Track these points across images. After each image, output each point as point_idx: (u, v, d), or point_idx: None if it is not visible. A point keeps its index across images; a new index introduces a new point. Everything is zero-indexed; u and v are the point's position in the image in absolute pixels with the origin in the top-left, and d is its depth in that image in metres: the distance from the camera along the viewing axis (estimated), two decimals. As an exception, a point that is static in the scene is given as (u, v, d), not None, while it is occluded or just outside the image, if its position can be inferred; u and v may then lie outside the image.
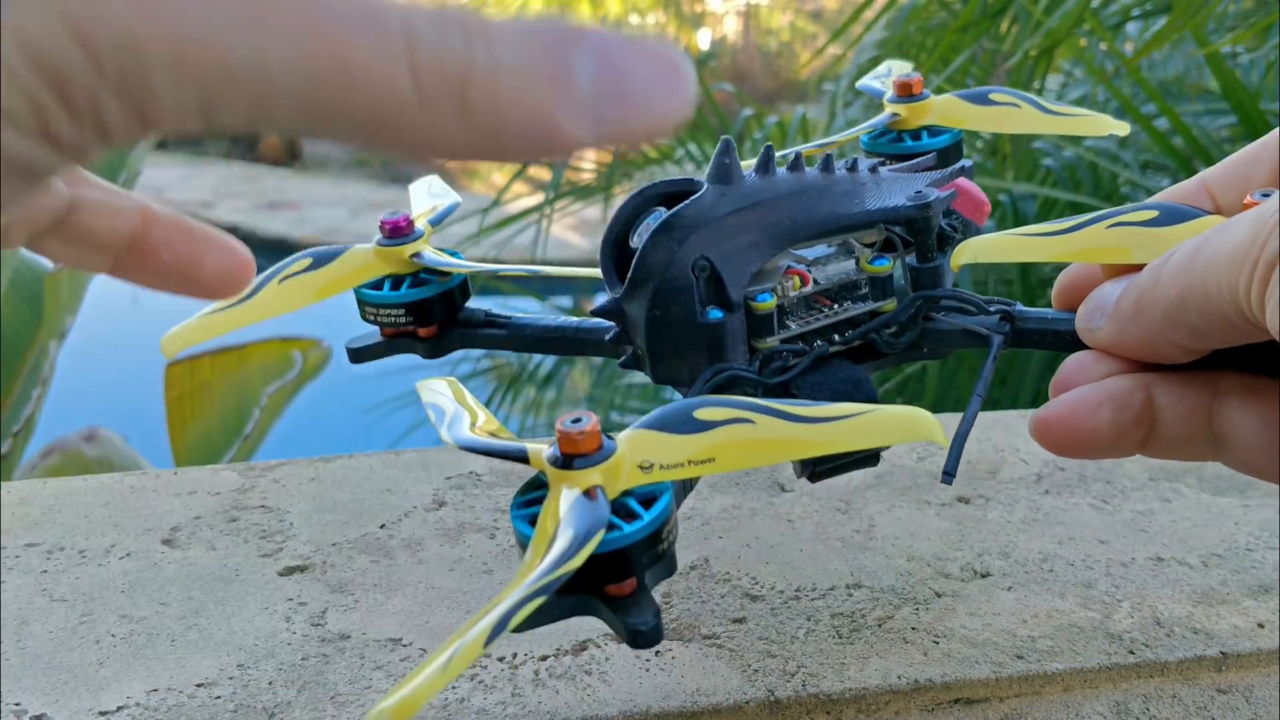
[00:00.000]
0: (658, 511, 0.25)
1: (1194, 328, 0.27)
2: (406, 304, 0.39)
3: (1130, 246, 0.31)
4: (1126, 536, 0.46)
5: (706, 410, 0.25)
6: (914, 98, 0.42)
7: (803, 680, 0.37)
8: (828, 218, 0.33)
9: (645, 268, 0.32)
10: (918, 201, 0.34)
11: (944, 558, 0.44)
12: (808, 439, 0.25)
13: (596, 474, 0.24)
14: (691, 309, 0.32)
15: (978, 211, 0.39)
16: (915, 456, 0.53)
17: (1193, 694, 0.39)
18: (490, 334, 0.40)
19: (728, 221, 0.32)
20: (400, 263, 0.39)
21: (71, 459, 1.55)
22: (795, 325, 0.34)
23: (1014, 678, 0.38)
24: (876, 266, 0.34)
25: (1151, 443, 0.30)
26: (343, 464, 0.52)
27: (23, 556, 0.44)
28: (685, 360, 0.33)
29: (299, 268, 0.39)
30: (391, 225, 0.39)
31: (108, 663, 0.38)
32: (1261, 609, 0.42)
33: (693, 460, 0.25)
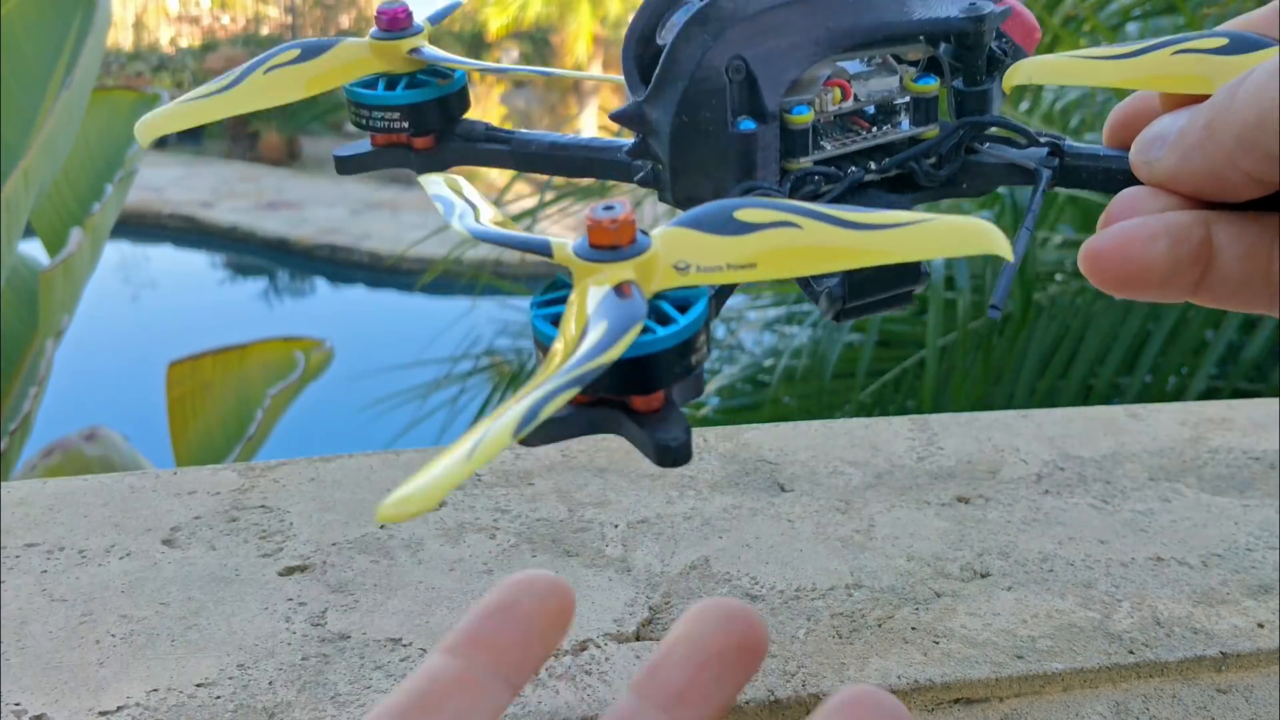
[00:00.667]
0: (693, 317, 0.23)
1: (1270, 152, 0.25)
2: (402, 106, 0.36)
3: (1198, 74, 0.28)
4: (1126, 536, 0.46)
5: (748, 211, 0.23)
6: None
7: (803, 680, 0.37)
8: (876, 23, 0.30)
9: (674, 65, 0.29)
10: (972, 13, 0.31)
11: (944, 558, 0.44)
12: (859, 247, 0.22)
13: (629, 269, 0.22)
14: (723, 116, 0.29)
15: (1028, 37, 0.36)
16: (915, 456, 0.53)
17: (1192, 694, 0.39)
18: (491, 149, 0.37)
19: (768, 18, 0.29)
20: (397, 59, 0.36)
21: (72, 458, 1.55)
22: (830, 147, 0.31)
23: (1014, 678, 0.38)
24: (922, 86, 0.31)
25: (1206, 285, 0.28)
26: (343, 464, 0.52)
27: (23, 556, 0.44)
28: (710, 176, 0.30)
29: (286, 58, 0.36)
30: (389, 16, 0.36)
31: (108, 663, 0.38)
32: (1261, 609, 0.42)
33: (732, 264, 0.22)
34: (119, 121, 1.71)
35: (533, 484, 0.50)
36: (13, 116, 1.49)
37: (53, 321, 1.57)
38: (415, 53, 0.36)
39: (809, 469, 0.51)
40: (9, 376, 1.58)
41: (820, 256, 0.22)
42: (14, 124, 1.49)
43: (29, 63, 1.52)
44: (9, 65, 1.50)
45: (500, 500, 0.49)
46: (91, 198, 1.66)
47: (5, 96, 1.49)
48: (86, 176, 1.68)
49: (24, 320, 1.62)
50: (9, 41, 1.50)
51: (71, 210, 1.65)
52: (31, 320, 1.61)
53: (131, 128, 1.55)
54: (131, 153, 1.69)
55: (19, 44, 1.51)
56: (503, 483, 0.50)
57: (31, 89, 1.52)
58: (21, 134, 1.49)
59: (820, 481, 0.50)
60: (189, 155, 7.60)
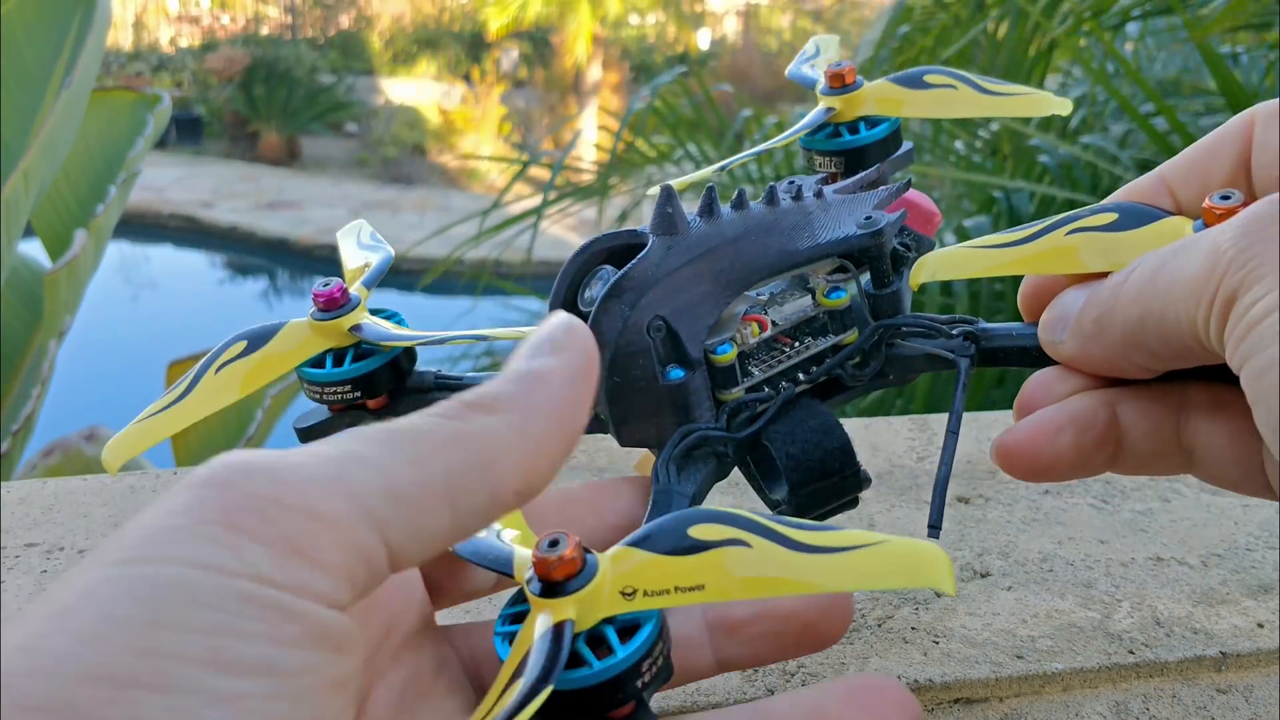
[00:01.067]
0: (633, 648, 0.23)
1: (1153, 351, 0.26)
2: (352, 379, 0.37)
3: (1091, 253, 0.30)
4: (1126, 536, 0.46)
5: (702, 528, 0.24)
6: (848, 88, 0.41)
7: (802, 680, 0.37)
8: (780, 257, 0.32)
9: (599, 335, 0.30)
10: (869, 229, 0.32)
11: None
12: (807, 574, 0.23)
13: (571, 605, 0.23)
14: (651, 371, 0.31)
15: (928, 224, 0.38)
16: (915, 456, 0.53)
17: (1192, 694, 0.39)
18: (442, 398, 0.39)
19: (678, 276, 0.31)
20: (340, 336, 0.38)
21: (72, 458, 1.55)
22: (758, 371, 0.32)
23: (1014, 678, 0.38)
24: (833, 300, 0.33)
25: (1120, 461, 0.29)
26: (343, 464, 0.52)
27: (23, 556, 0.44)
28: (650, 422, 0.32)
29: (234, 353, 0.38)
30: (325, 298, 0.38)
31: (108, 663, 0.38)
32: (1261, 609, 0.42)
33: (680, 587, 0.23)
34: (119, 122, 1.71)
35: (533, 484, 0.50)
36: (12, 117, 1.49)
37: (56, 322, 1.57)
38: (355, 330, 0.37)
39: (809, 469, 0.51)
40: (10, 377, 1.58)
41: (768, 583, 0.23)
42: (13, 124, 1.49)
43: (28, 63, 1.52)
44: (8, 65, 1.50)
45: (500, 500, 0.49)
46: (92, 198, 1.66)
47: (5, 96, 1.49)
48: (87, 177, 1.68)
49: (24, 321, 1.62)
50: (8, 41, 1.50)
51: (72, 211, 1.65)
52: (32, 321, 1.61)
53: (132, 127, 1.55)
54: (133, 154, 1.69)
55: (18, 44, 1.51)
56: (503, 483, 0.50)
57: (31, 89, 1.52)
58: (21, 134, 1.49)
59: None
60: (189, 155, 7.61)
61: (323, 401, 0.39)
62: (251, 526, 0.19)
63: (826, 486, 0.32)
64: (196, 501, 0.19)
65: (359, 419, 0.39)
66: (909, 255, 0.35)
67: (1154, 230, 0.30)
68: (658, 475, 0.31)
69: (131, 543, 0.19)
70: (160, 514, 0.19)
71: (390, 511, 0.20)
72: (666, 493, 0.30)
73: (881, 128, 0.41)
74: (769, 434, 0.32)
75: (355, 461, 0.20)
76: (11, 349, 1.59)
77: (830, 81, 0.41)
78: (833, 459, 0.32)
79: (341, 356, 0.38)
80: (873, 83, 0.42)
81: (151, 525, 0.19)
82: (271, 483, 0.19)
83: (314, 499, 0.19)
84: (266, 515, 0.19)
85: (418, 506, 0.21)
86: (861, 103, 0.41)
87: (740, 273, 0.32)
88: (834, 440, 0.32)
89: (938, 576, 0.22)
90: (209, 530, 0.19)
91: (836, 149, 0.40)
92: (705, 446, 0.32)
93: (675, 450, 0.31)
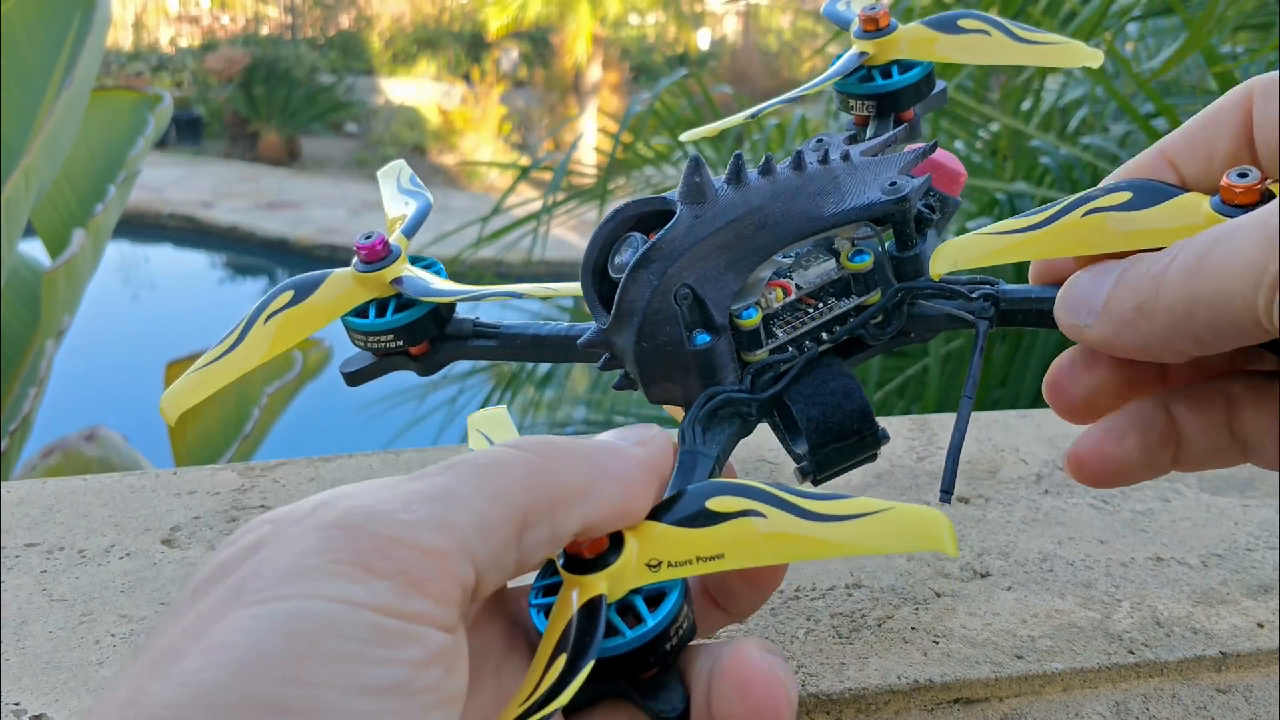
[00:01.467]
0: (662, 615, 0.25)
1: (1198, 337, 0.27)
2: (395, 329, 0.39)
3: (1110, 233, 0.30)
4: (1126, 536, 0.46)
5: (719, 500, 0.25)
6: (881, 31, 0.41)
7: (803, 680, 0.37)
8: (805, 224, 0.33)
9: (628, 303, 0.32)
10: (894, 195, 0.33)
11: (944, 557, 0.45)
12: (819, 539, 0.25)
13: (603, 580, 0.25)
14: (678, 337, 0.32)
15: (953, 184, 0.38)
16: (915, 456, 0.53)
17: (1192, 694, 0.39)
18: (481, 345, 0.40)
19: (705, 245, 0.32)
20: (382, 287, 0.39)
21: (71, 458, 1.55)
22: (782, 333, 0.33)
23: (1014, 678, 0.38)
24: (857, 263, 0.33)
25: (1182, 459, 0.30)
26: (342, 464, 0.52)
27: (23, 556, 0.44)
28: (678, 384, 0.33)
29: (282, 302, 0.39)
30: (367, 250, 0.39)
31: (108, 663, 0.38)
32: (1261, 609, 0.42)
33: (702, 556, 0.25)
34: (119, 122, 1.71)
35: (532, 484, 0.50)
36: (12, 116, 1.49)
37: (54, 322, 1.57)
38: (396, 283, 0.39)
39: (809, 469, 0.51)
40: (9, 377, 1.58)
41: (783, 548, 0.25)
42: (14, 124, 1.49)
43: (29, 62, 1.52)
44: (8, 65, 1.50)
45: (500, 500, 0.49)
46: (92, 198, 1.66)
47: (5, 96, 1.49)
48: (87, 177, 1.68)
49: (24, 320, 1.62)
50: (8, 41, 1.50)
51: (72, 210, 1.65)
52: (32, 320, 1.61)
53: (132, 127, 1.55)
54: (133, 154, 1.69)
55: (18, 44, 1.51)
56: (502, 483, 0.50)
57: (31, 89, 1.52)
58: (22, 134, 1.49)
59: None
60: (189, 155, 7.60)
61: (367, 349, 0.40)
62: (376, 564, 0.21)
63: (846, 446, 0.33)
64: (327, 542, 0.21)
65: (402, 364, 0.41)
66: (933, 217, 0.36)
67: (1171, 207, 0.30)
68: (684, 436, 0.31)
69: (271, 581, 0.21)
70: (293, 554, 0.21)
71: (479, 543, 0.23)
72: (692, 454, 0.31)
73: (914, 71, 0.41)
74: (791, 394, 0.33)
75: (451, 499, 0.23)
76: (11, 348, 1.59)
77: (864, 25, 0.41)
78: (851, 420, 0.33)
79: (384, 306, 0.39)
80: (906, 26, 0.41)
81: (287, 565, 0.21)
82: (390, 524, 0.22)
83: (424, 538, 0.22)
84: (388, 554, 0.21)
85: (498, 537, 0.23)
86: (895, 46, 0.41)
87: (766, 240, 0.32)
88: (853, 403, 0.33)
89: (940, 540, 0.24)
90: (341, 569, 0.21)
91: (870, 93, 0.41)
92: (729, 407, 0.32)
93: (700, 412, 0.32)
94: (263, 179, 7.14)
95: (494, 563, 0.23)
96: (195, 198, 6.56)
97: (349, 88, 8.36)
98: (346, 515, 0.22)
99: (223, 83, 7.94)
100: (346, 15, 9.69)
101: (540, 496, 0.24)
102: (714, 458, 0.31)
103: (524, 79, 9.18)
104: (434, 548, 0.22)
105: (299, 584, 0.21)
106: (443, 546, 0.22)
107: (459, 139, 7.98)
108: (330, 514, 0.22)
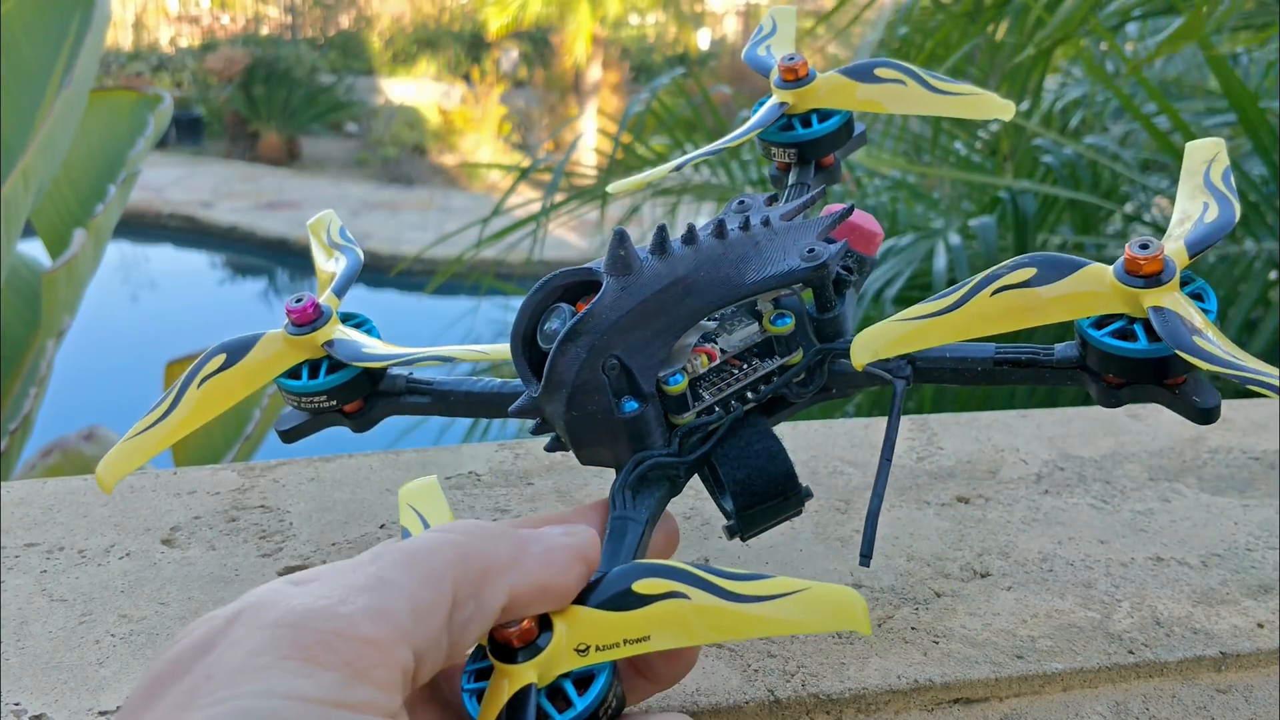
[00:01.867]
0: (591, 698, 0.26)
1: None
2: (328, 390, 0.40)
3: (1017, 311, 0.32)
4: (1126, 536, 0.46)
5: (645, 583, 0.26)
6: (801, 81, 0.42)
7: (803, 680, 0.37)
8: (728, 291, 0.34)
9: (557, 374, 0.32)
10: (812, 262, 0.34)
11: (944, 558, 0.45)
12: (741, 620, 0.26)
13: (531, 669, 0.26)
14: (607, 406, 0.33)
15: (869, 244, 0.40)
16: (915, 456, 0.53)
17: (1192, 694, 0.39)
18: (415, 401, 0.41)
19: (631, 315, 0.32)
20: (314, 349, 0.40)
21: (71, 458, 1.55)
22: (708, 395, 0.34)
23: (1014, 678, 0.38)
24: (778, 327, 0.35)
25: None
26: (342, 464, 0.52)
27: (22, 556, 0.44)
28: (607, 448, 0.34)
29: (214, 366, 0.40)
30: (298, 313, 0.40)
31: (107, 663, 0.38)
32: (1261, 609, 0.42)
33: (628, 639, 0.26)
34: (120, 122, 1.71)
35: (532, 484, 0.50)
36: (11, 116, 1.49)
37: (54, 322, 1.57)
38: (328, 345, 0.39)
39: (809, 469, 0.51)
40: (9, 377, 1.57)
41: (708, 629, 0.26)
42: (13, 124, 1.49)
43: (27, 62, 1.52)
44: (7, 65, 1.50)
45: (500, 500, 0.49)
46: (93, 198, 1.66)
47: (5, 97, 1.49)
48: (87, 176, 1.68)
49: (24, 320, 1.61)
50: (7, 41, 1.50)
51: (72, 210, 1.65)
52: (32, 320, 1.61)
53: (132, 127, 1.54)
54: (133, 154, 1.69)
55: (17, 43, 1.51)
56: (502, 482, 0.50)
57: (30, 88, 1.52)
58: (21, 134, 1.49)
59: (820, 481, 0.50)
60: (189, 155, 7.60)
61: (301, 409, 0.41)
62: (321, 658, 0.22)
63: (770, 506, 0.34)
64: (274, 641, 0.22)
65: (336, 421, 0.42)
66: (851, 278, 0.38)
67: (1076, 279, 0.32)
68: (614, 501, 0.33)
69: (223, 682, 0.22)
70: (242, 654, 0.22)
71: (416, 628, 0.24)
72: (623, 519, 0.32)
73: (833, 120, 0.42)
74: (718, 455, 0.34)
75: (385, 588, 0.24)
76: (11, 348, 1.59)
77: (784, 75, 0.43)
78: (776, 483, 0.34)
79: (317, 366, 0.40)
80: (824, 75, 0.43)
81: (238, 665, 0.22)
82: (330, 618, 0.23)
83: (363, 628, 0.23)
84: (332, 646, 0.22)
85: (433, 620, 0.24)
86: (814, 95, 0.42)
87: (690, 308, 0.33)
88: (778, 465, 0.34)
89: (855, 619, 0.25)
90: (289, 665, 0.22)
91: (791, 141, 0.42)
92: (658, 470, 0.34)
93: (630, 477, 0.33)
94: (263, 179, 7.14)
95: (431, 645, 0.24)
96: (195, 198, 6.56)
97: (349, 88, 8.35)
98: (288, 614, 0.23)
99: (223, 83, 7.93)
100: (346, 15, 9.69)
101: (468, 572, 0.25)
102: (643, 522, 0.32)
103: (524, 79, 9.18)
104: (374, 637, 0.23)
105: (250, 683, 0.22)
106: (382, 635, 0.23)
107: (459, 139, 7.97)
108: (272, 614, 0.23)
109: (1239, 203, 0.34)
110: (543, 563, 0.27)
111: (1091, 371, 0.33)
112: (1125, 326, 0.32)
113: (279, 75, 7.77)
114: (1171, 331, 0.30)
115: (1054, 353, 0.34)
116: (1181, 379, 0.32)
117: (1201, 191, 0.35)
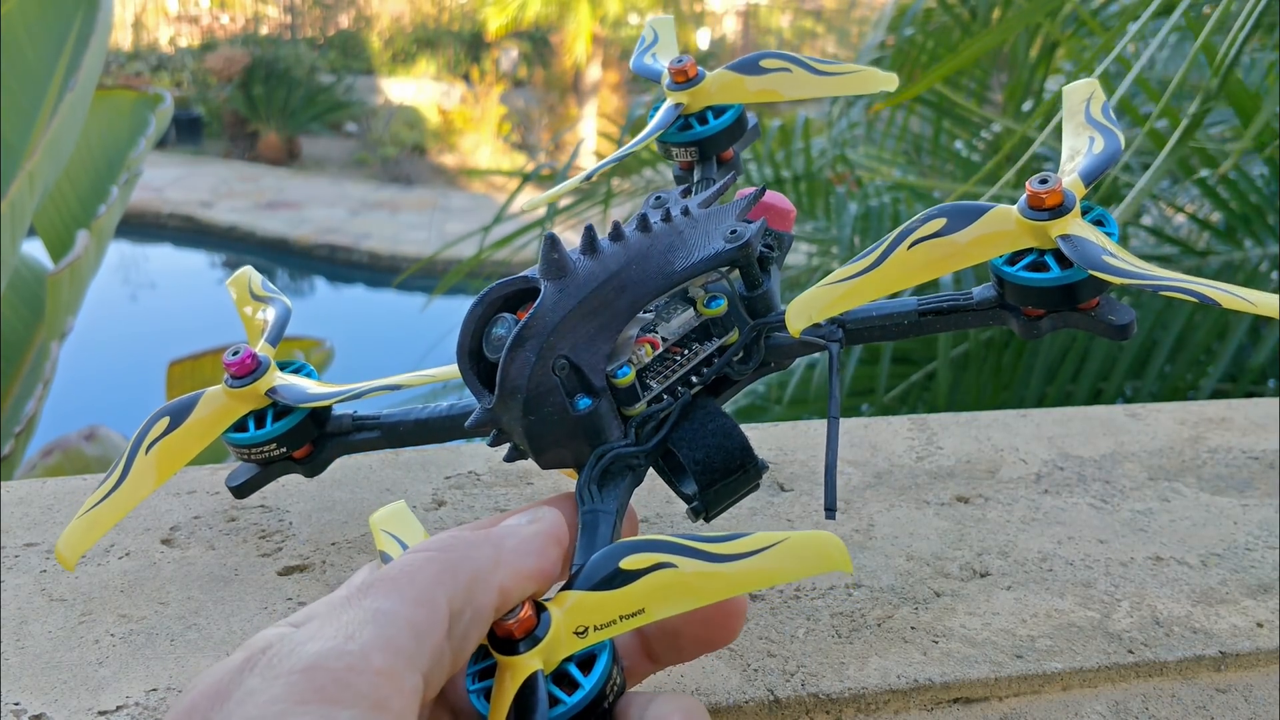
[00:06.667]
0: (596, 677, 0.27)
1: None
2: (277, 437, 0.41)
3: (939, 257, 0.33)
4: (1126, 536, 0.46)
5: (631, 559, 0.27)
6: (691, 82, 0.44)
7: (802, 680, 0.37)
8: (660, 281, 0.35)
9: (510, 382, 0.33)
10: (736, 242, 0.35)
11: (943, 557, 0.45)
12: (730, 578, 0.26)
13: (535, 658, 0.26)
14: (561, 405, 0.33)
15: (784, 221, 0.41)
16: (915, 456, 0.53)
17: (1192, 693, 0.39)
18: (364, 438, 0.42)
19: (573, 315, 0.33)
20: (257, 399, 0.40)
21: (71, 458, 1.55)
22: (655, 383, 0.35)
23: (1013, 677, 0.38)
24: (712, 309, 0.36)
25: None
26: (342, 464, 0.52)
27: (22, 556, 0.44)
28: (567, 448, 0.34)
29: (159, 430, 0.40)
30: (237, 365, 0.40)
31: (107, 662, 0.38)
32: (1261, 609, 0.42)
33: (624, 615, 0.26)
34: (121, 122, 1.71)
35: (531, 483, 0.50)
36: (14, 118, 1.49)
37: (58, 323, 1.57)
38: (272, 393, 0.40)
39: (809, 469, 0.51)
40: (12, 378, 1.57)
41: (699, 593, 0.26)
42: (16, 126, 1.49)
43: (30, 64, 1.52)
44: (10, 66, 1.50)
45: (500, 500, 0.49)
46: (93, 198, 1.66)
47: (6, 98, 1.49)
48: (88, 177, 1.68)
49: (25, 321, 1.61)
50: (9, 42, 1.49)
51: (73, 211, 1.65)
52: (33, 321, 1.61)
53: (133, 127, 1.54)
54: (134, 154, 1.69)
55: (20, 45, 1.51)
56: (501, 482, 0.50)
57: (33, 90, 1.52)
58: (24, 136, 1.49)
59: (820, 481, 0.50)
60: (189, 155, 7.60)
61: (251, 460, 0.42)
62: (339, 696, 0.23)
63: (732, 481, 0.35)
64: (289, 687, 0.23)
65: (287, 468, 0.42)
66: (773, 255, 0.39)
67: (984, 221, 0.33)
68: (582, 497, 0.33)
69: None
70: (260, 703, 0.23)
71: (420, 650, 0.24)
72: (594, 513, 0.33)
73: (727, 115, 0.44)
74: (674, 440, 0.35)
75: (384, 617, 0.25)
76: (13, 349, 1.59)
77: (675, 77, 0.44)
78: (734, 457, 0.35)
79: (262, 417, 0.41)
80: (714, 73, 0.44)
81: (258, 715, 0.22)
82: (340, 656, 0.24)
83: (374, 660, 0.24)
84: (347, 684, 0.23)
85: (435, 638, 0.25)
86: (706, 94, 0.44)
87: (628, 301, 0.34)
88: (733, 440, 0.35)
89: (835, 561, 0.26)
90: (310, 708, 0.22)
91: (689, 140, 0.44)
92: (620, 462, 0.34)
93: (594, 472, 0.34)
94: (262, 179, 7.14)
95: (436, 662, 0.25)
96: (195, 197, 6.56)
97: (349, 88, 8.35)
98: (302, 659, 0.24)
99: (222, 83, 7.93)
100: (346, 15, 9.69)
101: (456, 584, 0.26)
102: (614, 513, 0.33)
103: (524, 79, 9.18)
104: (385, 667, 0.24)
105: None
106: (392, 664, 0.24)
107: (458, 139, 7.97)
108: (285, 662, 0.24)
109: (1121, 133, 0.36)
110: (520, 554, 0.27)
111: (1011, 307, 0.35)
112: (1036, 259, 0.34)
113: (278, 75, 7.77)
114: (1082, 254, 0.32)
115: (973, 296, 0.36)
116: (1095, 302, 0.34)
117: (1085, 128, 0.37)
